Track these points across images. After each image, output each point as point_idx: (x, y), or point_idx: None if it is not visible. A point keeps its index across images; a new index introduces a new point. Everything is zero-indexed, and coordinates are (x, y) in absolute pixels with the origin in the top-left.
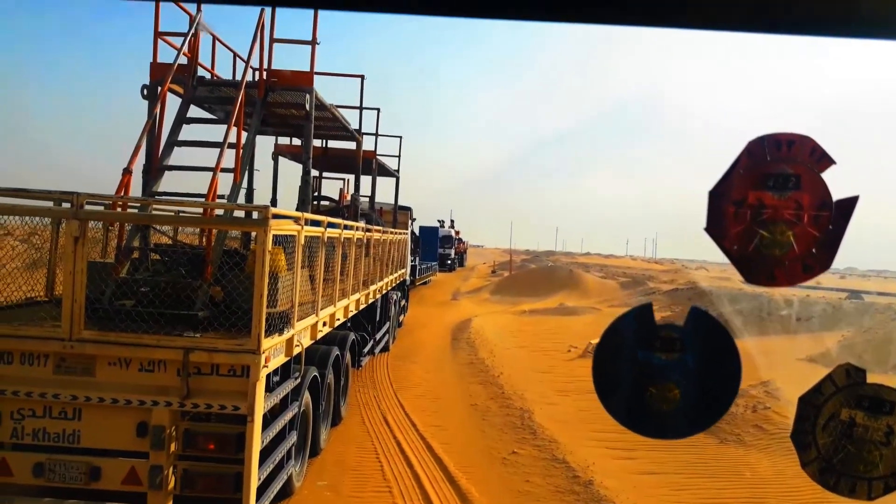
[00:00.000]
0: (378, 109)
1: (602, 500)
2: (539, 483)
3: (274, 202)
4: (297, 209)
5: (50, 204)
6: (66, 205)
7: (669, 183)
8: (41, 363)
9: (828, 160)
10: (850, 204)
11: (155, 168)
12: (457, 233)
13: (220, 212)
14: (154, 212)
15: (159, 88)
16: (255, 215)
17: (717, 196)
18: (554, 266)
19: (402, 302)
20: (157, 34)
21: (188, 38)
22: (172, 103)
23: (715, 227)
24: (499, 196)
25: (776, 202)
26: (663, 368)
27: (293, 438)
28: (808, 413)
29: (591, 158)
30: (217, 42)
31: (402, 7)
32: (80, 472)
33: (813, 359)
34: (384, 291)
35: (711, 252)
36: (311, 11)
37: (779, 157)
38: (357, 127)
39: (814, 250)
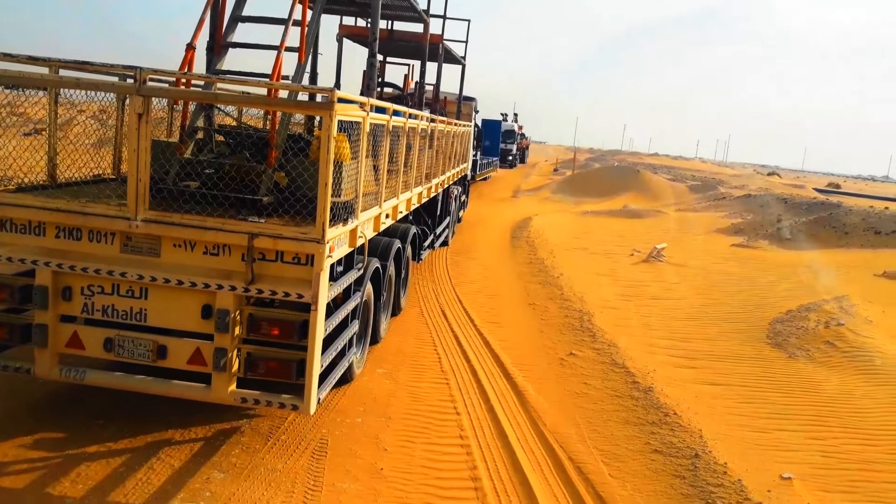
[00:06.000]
0: None
1: (662, 407)
2: (597, 386)
3: (338, 87)
4: (361, 95)
5: (114, 79)
6: (129, 81)
7: (748, 84)
8: (108, 241)
9: None
10: None
11: (219, 44)
12: (520, 128)
13: (284, 93)
14: (218, 90)
15: None
16: (319, 98)
17: None
18: (619, 166)
19: (463, 197)
20: None
21: None
22: None
23: None
24: (565, 91)
25: None
26: None
27: (355, 327)
28: None
29: (667, 55)
30: None
31: None
32: (147, 349)
33: (891, 275)
34: (446, 185)
35: (785, 157)
36: None
37: None
38: (425, 8)
39: None
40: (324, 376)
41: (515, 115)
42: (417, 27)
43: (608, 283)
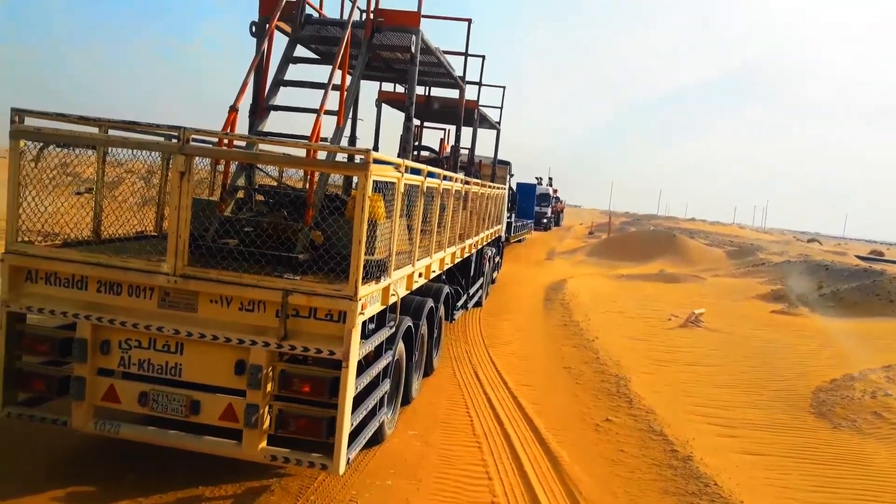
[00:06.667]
0: (483, 57)
1: (702, 477)
2: (634, 454)
3: (376, 150)
4: (397, 157)
5: (160, 139)
6: (173, 140)
7: (787, 148)
8: (147, 296)
9: None
10: None
11: (261, 107)
12: (554, 191)
13: (322, 154)
14: (259, 151)
15: (267, 25)
16: (356, 159)
17: None
18: (656, 230)
19: (497, 258)
20: None
21: None
22: (279, 43)
23: None
24: (600, 155)
25: None
26: None
27: (386, 386)
28: None
29: (702, 120)
30: None
31: None
32: (181, 404)
33: None
34: (480, 247)
35: (825, 223)
36: None
37: None
38: (461, 74)
39: None
40: (354, 436)
41: (550, 178)
42: (454, 93)
43: (645, 348)
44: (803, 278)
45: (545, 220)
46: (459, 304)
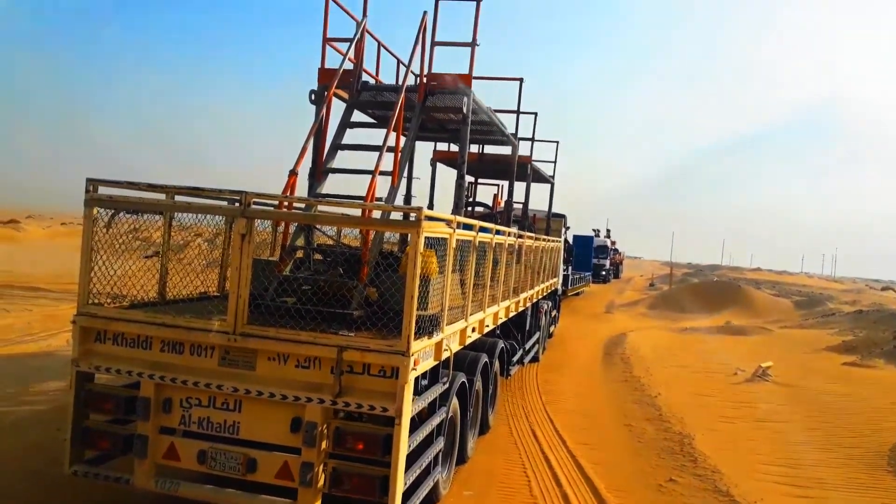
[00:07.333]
0: (535, 114)
1: None
2: None
3: (431, 208)
4: (451, 214)
5: (223, 203)
6: (236, 204)
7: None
8: (208, 354)
9: None
10: None
11: (320, 170)
12: (612, 243)
13: (377, 214)
14: (317, 213)
15: (326, 93)
16: (409, 217)
17: None
18: (719, 281)
19: (554, 312)
20: (325, 40)
21: (353, 44)
22: (337, 109)
23: None
24: (659, 206)
25: None
26: None
27: (440, 444)
28: None
29: (766, 168)
30: (381, 47)
31: None
32: (238, 462)
33: None
34: (535, 300)
35: None
36: (472, 13)
37: None
38: (513, 131)
39: None
40: (408, 495)
41: (608, 230)
42: (507, 149)
43: (710, 404)
44: (877, 328)
45: (604, 273)
46: (515, 359)
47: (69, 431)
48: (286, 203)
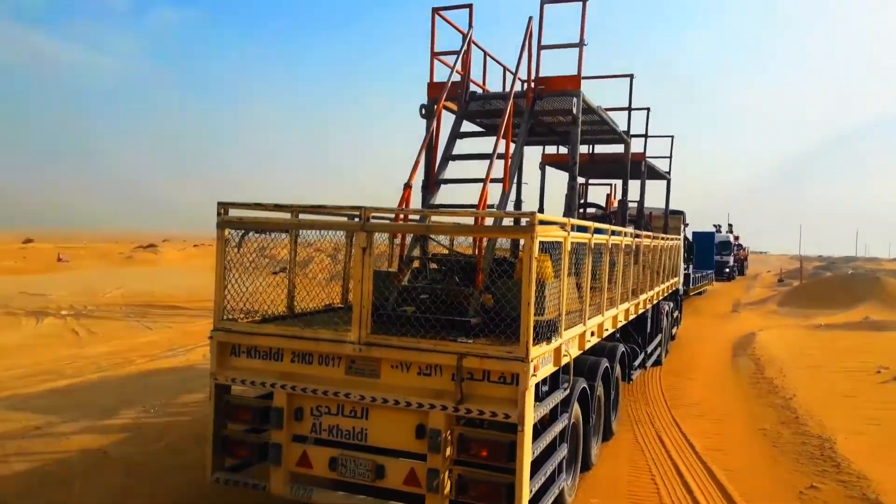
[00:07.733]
0: (648, 109)
1: None
2: None
3: (541, 211)
4: (563, 216)
5: (343, 219)
6: (355, 219)
7: None
8: (335, 364)
9: None
10: None
11: (432, 182)
12: (735, 238)
13: (489, 221)
14: (431, 223)
15: (435, 106)
16: (522, 222)
17: None
18: (855, 273)
19: (675, 313)
20: (433, 55)
21: (460, 56)
22: (446, 120)
23: None
24: (785, 197)
25: None
26: None
27: (564, 451)
28: None
29: None
30: (487, 57)
31: None
32: (367, 468)
33: None
34: (655, 301)
35: None
36: (579, 12)
37: None
38: (625, 129)
39: None
40: (533, 502)
41: (730, 225)
42: (619, 147)
43: (851, 406)
44: None
45: (727, 270)
46: (637, 363)
47: (210, 440)
48: (402, 215)
